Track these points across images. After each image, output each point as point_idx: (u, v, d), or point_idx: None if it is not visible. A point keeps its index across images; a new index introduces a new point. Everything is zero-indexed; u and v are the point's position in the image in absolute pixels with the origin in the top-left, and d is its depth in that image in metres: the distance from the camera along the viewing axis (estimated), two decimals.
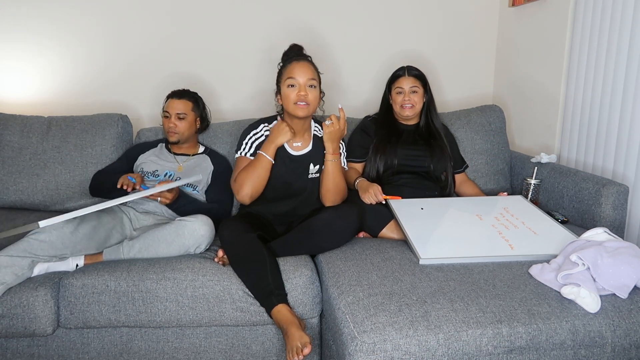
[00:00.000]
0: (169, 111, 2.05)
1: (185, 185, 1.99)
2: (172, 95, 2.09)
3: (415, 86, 2.05)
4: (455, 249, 1.57)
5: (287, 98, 1.76)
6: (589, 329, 1.23)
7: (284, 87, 1.77)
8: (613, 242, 1.39)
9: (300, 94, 1.73)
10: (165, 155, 2.08)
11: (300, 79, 1.74)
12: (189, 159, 2.08)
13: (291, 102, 1.75)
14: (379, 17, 2.59)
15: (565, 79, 2.18)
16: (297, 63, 1.76)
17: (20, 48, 2.42)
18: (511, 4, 2.52)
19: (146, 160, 2.05)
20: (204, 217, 1.72)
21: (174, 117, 2.04)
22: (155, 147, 2.12)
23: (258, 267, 1.56)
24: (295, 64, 1.76)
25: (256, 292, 1.56)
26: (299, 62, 1.77)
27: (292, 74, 1.74)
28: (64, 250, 1.60)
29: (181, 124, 2.04)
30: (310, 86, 1.75)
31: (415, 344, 1.18)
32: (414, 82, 2.05)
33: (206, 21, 2.48)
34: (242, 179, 1.77)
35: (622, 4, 1.83)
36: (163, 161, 2.05)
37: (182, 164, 2.05)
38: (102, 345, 1.64)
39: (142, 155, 2.10)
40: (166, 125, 2.05)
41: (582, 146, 2.08)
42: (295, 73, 1.74)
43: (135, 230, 1.86)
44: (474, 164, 2.27)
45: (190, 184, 1.99)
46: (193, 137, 2.12)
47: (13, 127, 2.18)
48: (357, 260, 1.57)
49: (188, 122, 2.06)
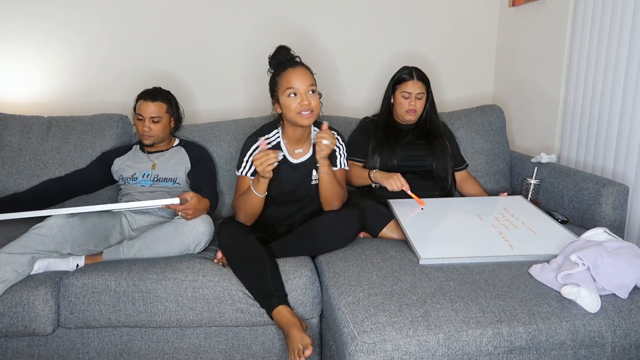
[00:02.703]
0: (143, 114, 1.98)
1: (165, 180, 1.97)
2: (145, 97, 2.00)
3: (422, 92, 2.04)
4: (455, 249, 1.57)
5: (288, 108, 1.67)
6: (589, 329, 1.23)
7: (283, 96, 1.68)
8: (613, 242, 1.39)
9: (304, 103, 1.64)
10: (139, 157, 2.04)
11: (301, 86, 1.65)
12: (162, 154, 2.05)
13: (294, 112, 1.66)
14: (378, 17, 2.59)
15: (565, 79, 2.18)
16: (293, 70, 1.67)
17: (20, 48, 2.42)
18: (511, 4, 2.52)
19: (122, 166, 2.03)
20: (203, 215, 1.72)
21: (148, 121, 1.97)
22: (130, 150, 2.09)
23: (257, 269, 1.56)
24: (292, 71, 1.67)
25: (256, 294, 1.56)
26: (295, 69, 1.68)
27: (291, 83, 1.65)
28: (65, 244, 1.60)
29: (156, 127, 1.98)
30: (312, 92, 1.68)
31: (415, 344, 1.18)
32: (422, 88, 2.03)
33: (206, 21, 2.48)
34: (238, 207, 1.75)
35: (622, 4, 1.83)
36: (138, 163, 2.02)
37: (156, 161, 2.02)
38: (102, 345, 1.64)
39: (117, 159, 2.05)
40: (140, 128, 1.99)
41: (582, 146, 2.08)
42: (294, 82, 1.65)
43: (134, 231, 1.86)
44: (474, 163, 2.27)
45: (169, 178, 1.98)
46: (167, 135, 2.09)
47: (13, 127, 2.18)
48: (357, 260, 1.57)
49: (163, 125, 2.00)
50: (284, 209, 1.86)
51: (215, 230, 1.74)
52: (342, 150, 1.87)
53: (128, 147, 2.12)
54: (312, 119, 1.69)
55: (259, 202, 1.71)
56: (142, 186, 1.96)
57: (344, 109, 2.60)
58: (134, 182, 1.98)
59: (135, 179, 1.98)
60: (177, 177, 2.00)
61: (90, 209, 1.56)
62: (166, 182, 1.98)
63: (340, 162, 1.86)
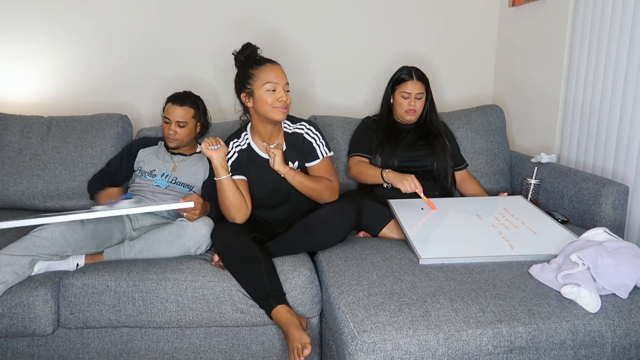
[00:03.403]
0: (170, 117, 2.00)
1: (182, 185, 1.99)
2: (174, 100, 2.02)
3: (422, 92, 2.04)
4: (455, 249, 1.57)
5: (264, 102, 1.70)
6: (589, 329, 1.23)
7: (259, 90, 1.70)
8: (613, 242, 1.39)
9: (282, 99, 1.69)
10: (163, 155, 2.07)
11: (280, 82, 1.70)
12: (186, 159, 2.07)
13: (270, 106, 1.69)
14: (378, 17, 2.59)
15: (565, 78, 2.18)
16: (272, 66, 1.72)
17: (20, 48, 2.42)
18: (511, 4, 2.52)
19: (145, 158, 2.05)
20: (204, 218, 1.73)
21: (174, 125, 2.00)
22: (155, 145, 2.12)
23: (253, 270, 1.56)
24: (271, 66, 1.72)
25: (254, 295, 1.56)
26: (275, 65, 1.73)
27: (271, 78, 1.69)
28: (66, 248, 1.60)
29: (181, 131, 2.01)
30: (287, 91, 1.73)
31: (415, 343, 1.18)
32: (421, 88, 2.03)
33: (206, 21, 2.48)
34: (222, 207, 1.76)
35: (622, 4, 1.83)
36: (161, 160, 2.04)
37: (178, 164, 2.04)
38: (102, 345, 1.64)
39: (142, 150, 2.09)
40: (166, 130, 2.02)
41: (582, 146, 2.08)
42: (273, 77, 1.69)
43: (135, 230, 1.86)
44: (474, 163, 2.27)
45: (187, 184, 1.99)
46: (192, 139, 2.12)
47: (13, 127, 2.18)
48: (357, 259, 1.57)
49: (188, 130, 2.02)
50: (280, 211, 1.86)
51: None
52: (318, 139, 1.84)
53: (153, 140, 2.14)
54: (285, 116, 1.73)
55: (229, 186, 1.72)
56: (157, 186, 1.96)
57: (343, 109, 2.60)
58: (151, 179, 1.99)
59: (154, 175, 2.00)
60: (195, 185, 2.01)
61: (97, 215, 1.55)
62: (183, 187, 1.99)
63: (321, 152, 1.83)
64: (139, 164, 2.05)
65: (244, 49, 1.77)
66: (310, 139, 1.82)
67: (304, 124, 1.86)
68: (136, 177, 2.03)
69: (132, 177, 2.06)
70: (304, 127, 1.85)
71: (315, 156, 1.82)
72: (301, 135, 1.83)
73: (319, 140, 1.84)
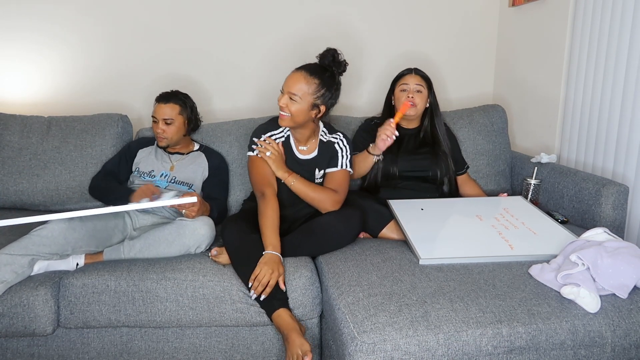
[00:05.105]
0: (157, 116, 2.01)
1: (181, 184, 1.99)
2: (159, 99, 2.04)
3: (420, 85, 2.02)
4: (455, 249, 1.57)
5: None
6: (589, 329, 1.23)
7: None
8: (613, 242, 1.39)
9: (279, 103, 1.72)
10: (160, 155, 2.07)
11: (284, 88, 1.73)
12: (183, 157, 2.07)
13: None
14: (378, 18, 2.59)
15: (565, 78, 2.18)
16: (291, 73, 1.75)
17: (20, 48, 2.42)
18: (511, 4, 2.52)
19: (143, 159, 2.05)
20: (204, 217, 1.73)
21: (161, 123, 2.00)
22: (153, 145, 2.12)
23: None
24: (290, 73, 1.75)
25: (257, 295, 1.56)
26: (293, 72, 1.75)
27: (283, 84, 1.73)
28: (66, 247, 1.60)
29: (169, 129, 2.01)
30: (290, 99, 1.71)
31: (415, 344, 1.18)
32: (420, 80, 2.02)
33: (206, 21, 2.48)
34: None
35: (622, 4, 1.83)
36: (159, 161, 2.04)
37: (175, 163, 2.04)
38: (102, 345, 1.64)
39: (141, 150, 2.09)
40: (154, 130, 2.03)
41: (582, 146, 2.08)
42: (284, 83, 1.73)
43: (135, 230, 1.86)
44: (475, 164, 2.27)
45: (186, 182, 2.00)
46: (185, 137, 2.11)
47: (13, 127, 2.18)
48: (357, 260, 1.57)
49: (176, 127, 2.02)
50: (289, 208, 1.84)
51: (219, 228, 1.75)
52: (344, 152, 1.87)
53: (152, 140, 2.14)
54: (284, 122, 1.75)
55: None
56: (157, 186, 1.96)
57: (346, 109, 2.60)
58: (150, 179, 1.99)
59: (153, 176, 2.00)
60: (193, 183, 2.01)
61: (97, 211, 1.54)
62: (182, 185, 2.00)
63: (342, 163, 1.86)
64: (136, 165, 2.05)
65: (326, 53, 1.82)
66: (338, 149, 1.87)
67: (339, 134, 1.91)
68: (135, 178, 2.02)
69: (131, 179, 2.06)
70: (338, 137, 1.89)
71: (335, 164, 1.86)
72: (333, 144, 1.87)
73: (345, 152, 1.88)
